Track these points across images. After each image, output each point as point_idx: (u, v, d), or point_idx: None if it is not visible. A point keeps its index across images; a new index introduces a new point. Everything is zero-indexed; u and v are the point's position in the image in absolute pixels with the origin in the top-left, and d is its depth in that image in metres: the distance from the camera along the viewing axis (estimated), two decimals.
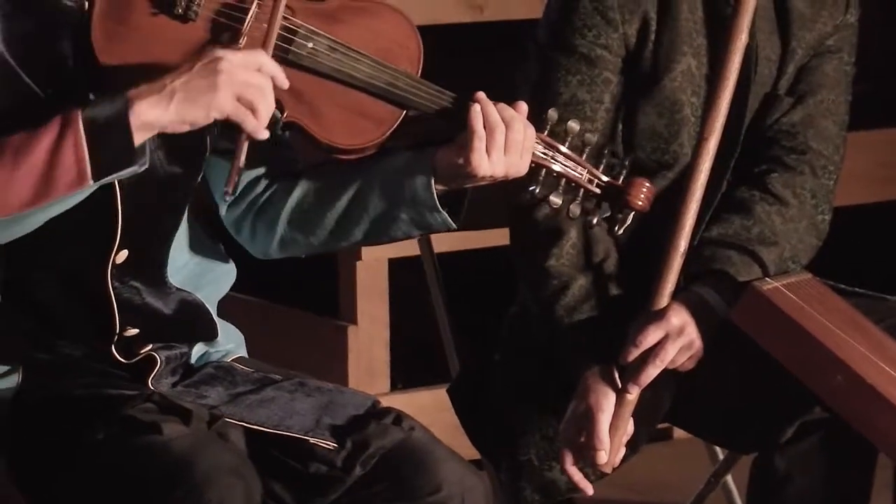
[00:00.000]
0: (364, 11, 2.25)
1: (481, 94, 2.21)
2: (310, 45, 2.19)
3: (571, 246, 2.55)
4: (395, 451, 2.23)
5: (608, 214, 2.28)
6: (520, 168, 2.21)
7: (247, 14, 2.16)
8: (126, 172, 2.11)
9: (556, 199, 2.24)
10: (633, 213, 2.28)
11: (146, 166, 2.12)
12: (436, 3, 3.73)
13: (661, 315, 2.49)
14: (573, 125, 2.24)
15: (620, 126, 2.60)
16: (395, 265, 3.70)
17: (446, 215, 2.24)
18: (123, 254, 2.22)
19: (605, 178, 2.26)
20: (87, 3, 2.18)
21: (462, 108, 2.20)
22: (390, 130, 2.22)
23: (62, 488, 2.17)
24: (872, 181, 4.11)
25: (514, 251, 2.63)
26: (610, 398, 2.49)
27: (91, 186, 2.10)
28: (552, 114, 2.25)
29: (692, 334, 2.49)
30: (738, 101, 2.55)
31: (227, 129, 2.23)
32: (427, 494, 2.21)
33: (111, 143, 2.08)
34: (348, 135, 2.21)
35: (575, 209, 2.25)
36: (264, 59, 2.12)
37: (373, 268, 3.69)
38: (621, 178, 2.27)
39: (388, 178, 2.25)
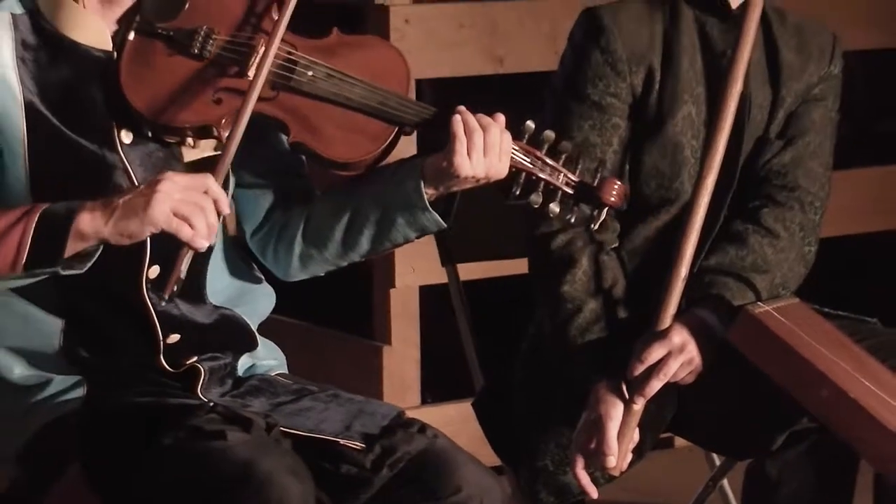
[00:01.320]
0: (357, 44, 2.29)
1: (461, 107, 2.24)
2: (310, 73, 2.23)
3: (583, 273, 2.56)
4: (420, 456, 2.25)
5: (586, 212, 2.30)
6: (499, 170, 2.24)
7: (253, 51, 2.21)
8: (49, 272, 2.12)
9: (535, 199, 2.25)
10: (606, 209, 2.29)
11: (80, 271, 2.12)
12: (460, 56, 3.72)
13: (664, 334, 2.50)
14: (549, 133, 2.27)
15: (627, 165, 2.62)
16: (426, 292, 3.69)
17: (437, 215, 2.26)
18: (155, 269, 2.24)
19: (579, 180, 2.28)
20: (115, 53, 2.23)
21: (446, 120, 2.23)
22: (385, 144, 2.25)
23: (135, 489, 2.18)
24: (863, 214, 4.10)
25: (532, 278, 2.65)
26: (618, 408, 2.50)
27: (22, 274, 2.11)
28: (529, 124, 2.27)
29: (692, 352, 2.51)
30: (734, 143, 2.57)
31: (250, 164, 2.30)
32: (448, 495, 2.22)
33: (47, 242, 2.09)
34: (347, 150, 2.24)
35: (554, 208, 2.26)
36: (210, 183, 2.11)
37: (405, 294, 3.69)
38: (595, 179, 2.29)
39: (383, 185, 2.27)
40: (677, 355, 2.51)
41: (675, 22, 2.62)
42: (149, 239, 2.18)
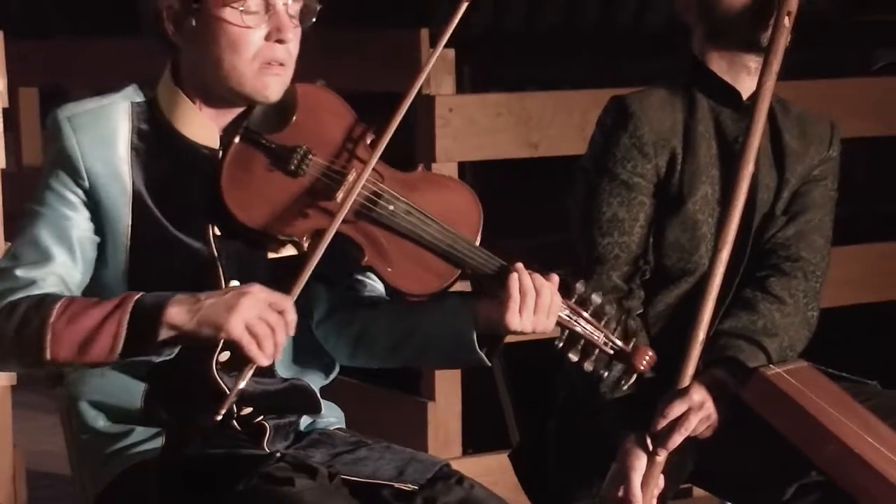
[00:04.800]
0: (439, 184, 2.27)
1: (520, 265, 2.19)
2: (391, 207, 2.19)
3: None
4: None
5: (617, 373, 2.26)
6: (546, 326, 2.19)
7: (344, 178, 2.18)
8: (144, 359, 2.11)
9: (573, 356, 2.21)
10: (635, 374, 2.26)
11: (169, 356, 2.10)
12: (499, 142, 3.74)
13: (685, 392, 2.50)
14: (596, 297, 2.22)
15: (651, 239, 2.62)
16: None
17: (482, 355, 2.21)
18: (226, 354, 2.20)
19: (617, 343, 2.23)
20: (220, 152, 2.21)
21: (504, 273, 2.18)
22: (446, 284, 2.21)
23: None
24: (866, 287, 4.11)
25: None
26: (642, 459, 2.50)
27: (118, 361, 2.09)
28: (579, 286, 2.23)
29: (710, 408, 2.50)
30: (745, 220, 2.57)
31: (326, 263, 2.22)
32: None
33: (140, 331, 2.07)
34: (411, 283, 2.20)
35: (588, 366, 2.23)
36: (288, 305, 2.08)
37: None
38: (630, 343, 2.25)
39: (439, 317, 2.24)
40: (697, 412, 2.50)
41: (692, 110, 2.63)
42: None
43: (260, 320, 2.06)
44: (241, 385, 2.09)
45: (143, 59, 2.53)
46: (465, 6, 2.19)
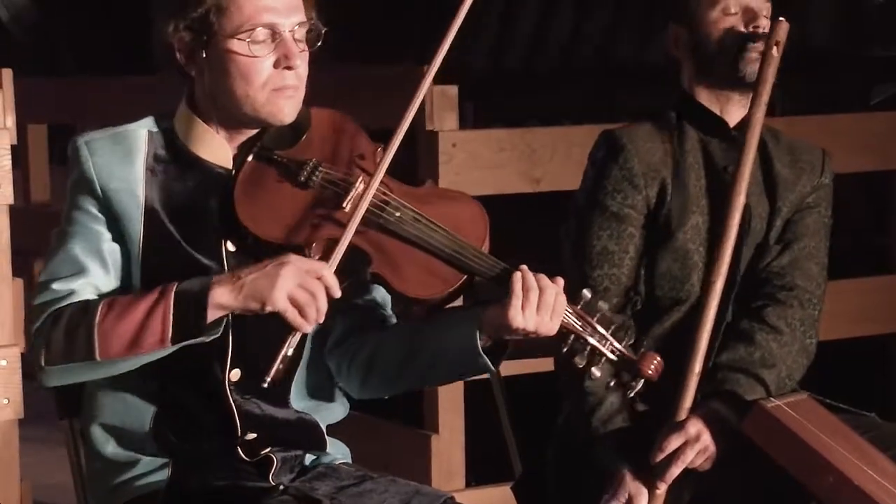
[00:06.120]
0: (446, 196, 2.30)
1: (524, 266, 2.19)
2: (398, 213, 2.21)
3: None
4: None
5: (624, 379, 2.22)
6: (550, 328, 2.17)
7: (352, 187, 2.21)
8: (196, 341, 2.14)
9: (579, 361, 2.19)
10: (643, 380, 2.21)
11: (216, 335, 2.14)
12: (501, 176, 3.76)
13: (681, 425, 2.50)
14: (602, 304, 2.21)
15: (643, 270, 2.62)
16: (470, 386, 3.63)
17: (487, 360, 2.21)
18: (237, 372, 2.23)
19: (623, 350, 2.20)
20: (234, 171, 2.25)
21: (509, 276, 2.19)
22: (452, 289, 2.21)
23: None
24: (863, 320, 4.10)
25: (560, 375, 2.65)
26: (643, 492, 2.50)
27: (171, 348, 2.13)
28: (586, 293, 2.21)
29: (707, 441, 2.50)
30: (736, 249, 2.57)
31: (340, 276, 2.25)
32: None
33: (189, 316, 2.12)
34: (418, 288, 2.21)
35: (595, 372, 2.20)
36: (325, 272, 2.12)
37: (451, 388, 3.67)
38: (638, 351, 2.22)
39: (443, 326, 2.24)
40: (693, 444, 2.50)
41: (681, 141, 2.64)
42: (231, 345, 2.20)
43: (300, 288, 2.10)
44: (288, 352, 2.11)
45: (154, 98, 2.57)
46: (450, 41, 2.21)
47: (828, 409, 2.60)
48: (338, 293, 2.13)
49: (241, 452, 2.25)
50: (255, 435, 2.26)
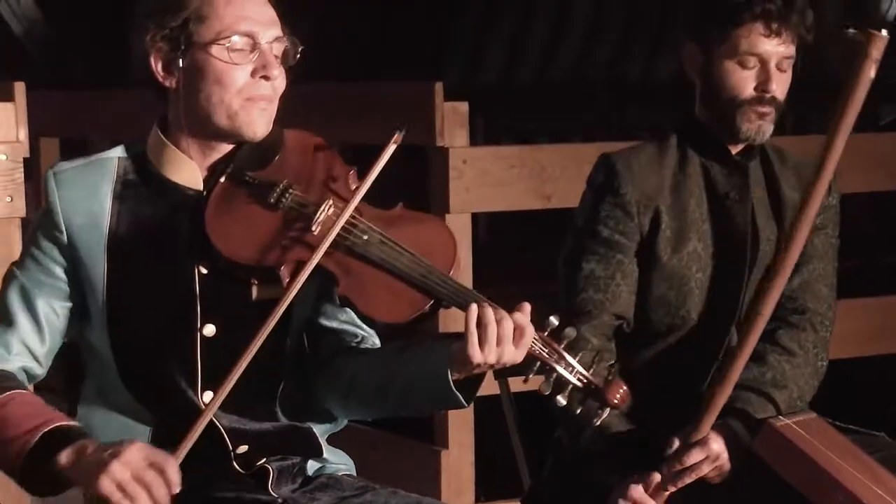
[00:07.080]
0: (416, 220, 2.26)
1: (482, 300, 2.13)
2: (365, 237, 2.18)
3: None
4: None
5: (591, 408, 2.17)
6: (514, 357, 2.12)
7: (319, 211, 2.19)
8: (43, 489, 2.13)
9: (545, 388, 2.14)
10: (609, 409, 2.17)
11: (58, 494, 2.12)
12: (512, 193, 3.75)
13: (704, 442, 2.50)
14: (570, 331, 2.15)
15: (633, 296, 2.60)
16: (480, 401, 3.61)
17: (459, 396, 2.16)
18: (209, 394, 2.20)
19: (590, 377, 2.15)
20: (205, 192, 2.24)
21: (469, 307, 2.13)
22: (419, 312, 2.17)
23: None
24: (873, 339, 4.09)
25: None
26: (648, 501, 2.50)
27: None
28: (553, 319, 2.15)
29: (724, 459, 2.51)
30: (739, 272, 2.57)
31: (318, 310, 2.25)
32: None
33: (36, 462, 2.10)
34: (384, 312, 2.18)
35: (561, 399, 2.14)
36: (169, 467, 2.06)
37: None
38: (604, 379, 2.16)
39: (417, 361, 2.21)
40: (712, 461, 2.52)
41: (683, 165, 2.63)
42: (199, 368, 2.20)
43: (134, 480, 2.05)
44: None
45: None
46: (393, 148, 2.20)
47: (837, 429, 2.59)
48: (176, 490, 2.07)
49: (236, 465, 2.25)
50: (246, 447, 2.25)
